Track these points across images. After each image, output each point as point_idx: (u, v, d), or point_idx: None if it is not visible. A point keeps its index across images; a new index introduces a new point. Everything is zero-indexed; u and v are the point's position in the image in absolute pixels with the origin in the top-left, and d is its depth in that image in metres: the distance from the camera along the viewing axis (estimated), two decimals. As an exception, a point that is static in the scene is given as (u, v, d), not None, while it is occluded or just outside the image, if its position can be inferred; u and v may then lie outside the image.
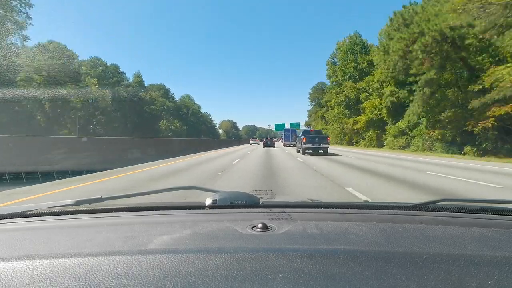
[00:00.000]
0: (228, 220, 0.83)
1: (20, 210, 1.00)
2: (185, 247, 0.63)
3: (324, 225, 0.79)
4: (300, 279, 0.49)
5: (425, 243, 0.65)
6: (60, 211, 1.01)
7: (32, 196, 5.24)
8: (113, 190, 5.84)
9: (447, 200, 1.05)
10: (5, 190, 5.90)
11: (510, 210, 0.98)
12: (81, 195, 4.68)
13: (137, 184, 6.72)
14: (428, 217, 0.91)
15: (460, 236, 0.71)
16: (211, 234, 0.72)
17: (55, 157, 9.05)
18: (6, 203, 4.83)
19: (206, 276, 0.50)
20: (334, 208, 1.04)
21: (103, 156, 11.53)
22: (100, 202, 1.07)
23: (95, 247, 0.65)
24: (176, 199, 1.39)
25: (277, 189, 5.78)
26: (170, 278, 0.50)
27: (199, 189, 1.23)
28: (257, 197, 1.05)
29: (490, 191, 5.73)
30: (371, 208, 1.07)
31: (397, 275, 0.51)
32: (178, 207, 1.07)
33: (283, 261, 0.54)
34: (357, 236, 0.71)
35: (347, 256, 0.56)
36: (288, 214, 0.91)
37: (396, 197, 5.14)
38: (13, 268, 0.54)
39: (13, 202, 4.85)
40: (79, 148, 10.91)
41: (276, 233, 0.72)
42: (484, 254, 0.59)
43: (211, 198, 1.03)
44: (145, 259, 0.56)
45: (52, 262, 0.56)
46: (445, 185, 6.38)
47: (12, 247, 0.68)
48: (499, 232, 0.76)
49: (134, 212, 1.02)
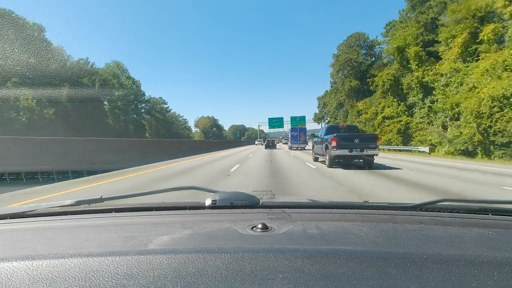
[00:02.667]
0: (228, 221, 0.83)
1: (21, 210, 1.00)
2: (185, 248, 0.63)
3: (324, 226, 0.79)
4: (300, 279, 0.49)
5: (425, 244, 0.65)
6: (60, 212, 1.01)
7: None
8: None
9: (447, 201, 1.05)
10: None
11: (510, 210, 0.98)
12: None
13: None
14: (428, 217, 0.91)
15: (460, 237, 0.71)
16: (211, 235, 0.72)
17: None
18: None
19: (206, 276, 0.50)
20: (334, 209, 1.04)
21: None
22: (100, 202, 1.07)
23: (95, 247, 0.65)
24: (176, 199, 1.39)
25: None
26: (170, 278, 0.50)
27: (199, 189, 1.23)
28: (257, 197, 1.05)
29: None
30: (371, 208, 1.07)
31: (397, 275, 0.51)
32: (178, 207, 1.06)
33: (283, 261, 0.54)
34: (357, 236, 0.70)
35: (347, 256, 0.56)
36: (288, 214, 0.91)
37: None
38: (13, 268, 0.54)
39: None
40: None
41: (276, 233, 0.72)
42: (484, 255, 0.59)
43: (211, 198, 1.03)
44: (145, 259, 0.56)
45: (52, 262, 0.56)
46: None
47: (12, 247, 0.67)
48: (499, 232, 0.76)
49: (134, 212, 1.02)
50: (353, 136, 10.18)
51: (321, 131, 12.88)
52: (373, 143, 10.01)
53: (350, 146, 9.81)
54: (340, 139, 9.92)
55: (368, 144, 9.91)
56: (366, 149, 9.80)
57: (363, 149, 9.80)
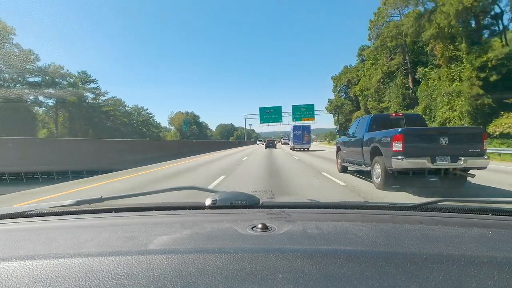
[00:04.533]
0: (228, 221, 0.84)
1: (20, 210, 1.00)
2: (185, 248, 0.63)
3: (324, 225, 0.79)
4: (300, 279, 0.49)
5: (425, 243, 0.65)
6: (60, 211, 1.01)
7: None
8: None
9: (447, 201, 1.05)
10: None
11: (510, 210, 0.98)
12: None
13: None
14: (428, 217, 0.91)
15: (460, 237, 0.71)
16: (211, 235, 0.72)
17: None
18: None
19: (206, 276, 0.50)
20: (334, 208, 1.04)
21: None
22: (100, 202, 1.07)
23: (95, 247, 0.65)
24: (176, 199, 1.40)
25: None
26: (170, 278, 0.50)
27: (199, 189, 1.23)
28: (257, 197, 1.05)
29: None
30: (371, 208, 1.07)
31: (397, 275, 0.51)
32: (178, 207, 1.07)
33: (283, 261, 0.54)
34: (357, 236, 0.70)
35: (347, 256, 0.56)
36: (288, 214, 0.91)
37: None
38: (13, 268, 0.54)
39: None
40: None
41: (276, 233, 0.72)
42: (484, 255, 0.59)
43: (211, 198, 1.03)
44: (145, 259, 0.56)
45: (52, 262, 0.56)
46: None
47: (12, 247, 0.68)
48: (499, 232, 0.76)
49: (134, 213, 1.02)
50: (437, 132, 5.50)
51: (356, 126, 7.96)
52: (477, 145, 5.27)
53: (433, 151, 5.22)
54: (412, 138, 5.35)
55: (467, 148, 5.25)
56: (463, 157, 5.16)
57: (457, 157, 5.18)
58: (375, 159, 6.17)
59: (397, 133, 5.42)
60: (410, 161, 5.21)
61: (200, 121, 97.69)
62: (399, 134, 5.37)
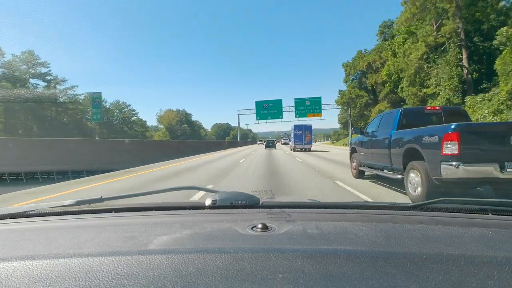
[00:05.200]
0: (228, 221, 0.83)
1: (20, 210, 1.00)
2: (185, 248, 0.63)
3: (324, 225, 0.79)
4: (300, 279, 0.49)
5: (425, 243, 0.65)
6: (60, 212, 1.01)
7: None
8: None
9: (447, 200, 1.05)
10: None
11: (510, 210, 0.98)
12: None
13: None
14: (428, 217, 0.91)
15: (460, 236, 0.71)
16: (211, 235, 0.72)
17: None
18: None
19: (206, 276, 0.50)
20: (334, 208, 1.04)
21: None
22: (100, 202, 1.07)
23: (95, 247, 0.65)
24: (176, 199, 1.40)
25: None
26: (170, 278, 0.50)
27: (199, 189, 1.23)
28: (257, 197, 1.05)
29: None
30: (371, 208, 1.07)
31: (397, 275, 0.51)
32: (178, 207, 1.07)
33: (283, 261, 0.54)
34: (357, 236, 0.70)
35: (347, 256, 0.56)
36: (288, 214, 0.91)
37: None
38: (13, 268, 0.54)
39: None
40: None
41: (276, 233, 0.72)
42: (484, 254, 0.59)
43: (211, 198, 1.03)
44: (145, 259, 0.56)
45: (52, 262, 0.56)
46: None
47: (12, 247, 0.67)
48: (499, 232, 0.76)
49: (134, 213, 1.02)
50: (508, 129, 4.12)
51: (379, 122, 6.54)
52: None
53: (501, 155, 3.86)
54: (473, 137, 3.98)
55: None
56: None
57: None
58: (411, 164, 4.66)
59: (451, 130, 3.89)
60: (470, 169, 3.76)
61: (193, 120, 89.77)
62: (454, 131, 3.86)
